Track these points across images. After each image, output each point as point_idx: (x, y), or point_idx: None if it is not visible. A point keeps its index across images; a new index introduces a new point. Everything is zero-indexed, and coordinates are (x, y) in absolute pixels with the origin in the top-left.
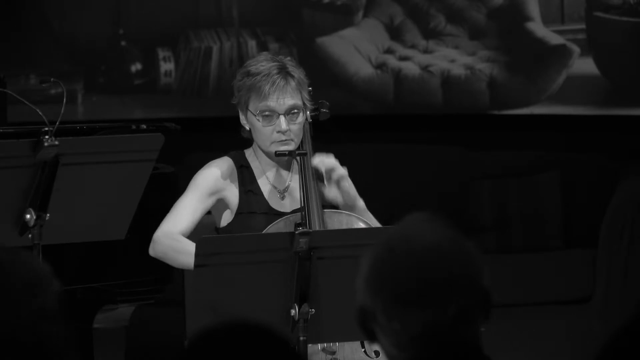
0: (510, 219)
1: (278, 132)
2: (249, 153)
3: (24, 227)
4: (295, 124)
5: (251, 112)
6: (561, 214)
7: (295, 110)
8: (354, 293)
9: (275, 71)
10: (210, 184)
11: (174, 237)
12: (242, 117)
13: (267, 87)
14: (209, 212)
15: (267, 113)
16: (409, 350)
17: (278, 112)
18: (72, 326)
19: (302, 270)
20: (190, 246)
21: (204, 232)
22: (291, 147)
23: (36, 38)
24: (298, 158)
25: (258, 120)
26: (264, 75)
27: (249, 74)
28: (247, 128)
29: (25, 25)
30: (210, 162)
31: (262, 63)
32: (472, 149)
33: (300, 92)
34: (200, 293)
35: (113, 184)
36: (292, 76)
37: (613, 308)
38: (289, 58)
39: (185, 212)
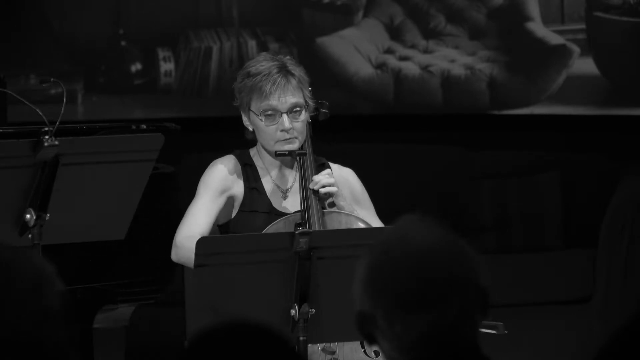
0: (510, 219)
1: (282, 130)
2: (253, 152)
3: (24, 227)
4: (298, 121)
5: (253, 113)
6: (561, 214)
7: (298, 108)
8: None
9: (275, 70)
10: (220, 182)
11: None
12: (244, 119)
13: (268, 87)
14: None
15: (269, 112)
16: (410, 352)
17: (280, 110)
18: (74, 326)
19: (302, 270)
20: None
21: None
22: (295, 145)
23: (36, 38)
24: (298, 158)
25: (261, 119)
26: (264, 75)
27: (249, 75)
28: (251, 129)
29: (25, 25)
30: (215, 161)
31: (261, 63)
32: (472, 149)
33: (302, 90)
34: (200, 293)
35: (113, 184)
36: (293, 74)
37: (613, 308)
38: (288, 57)
39: (201, 213)
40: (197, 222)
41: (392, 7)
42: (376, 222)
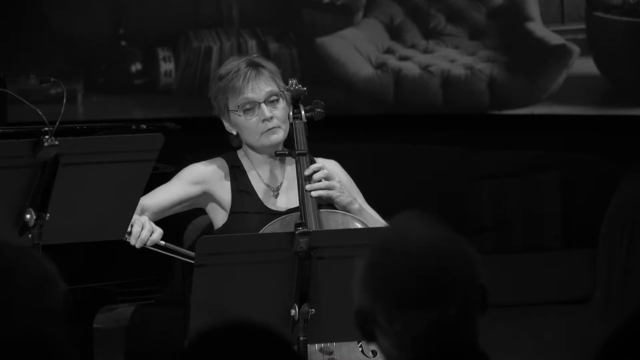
0: (510, 219)
1: (263, 121)
2: (241, 154)
3: (24, 227)
4: (277, 109)
5: (233, 111)
6: (561, 214)
7: (274, 97)
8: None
9: (244, 65)
10: (195, 173)
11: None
12: (226, 125)
13: (240, 81)
14: (205, 214)
15: (247, 106)
16: (409, 350)
17: (257, 101)
18: (75, 326)
19: (302, 270)
20: None
21: (201, 233)
22: (280, 135)
23: (36, 38)
24: (298, 158)
25: (239, 115)
26: (234, 73)
27: (220, 78)
28: (234, 133)
29: (25, 25)
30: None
31: (230, 64)
32: (472, 149)
33: (275, 80)
34: (200, 293)
35: (113, 184)
36: (263, 66)
37: (613, 308)
38: (255, 55)
39: (161, 192)
40: (152, 196)
41: (392, 7)
42: (371, 211)
